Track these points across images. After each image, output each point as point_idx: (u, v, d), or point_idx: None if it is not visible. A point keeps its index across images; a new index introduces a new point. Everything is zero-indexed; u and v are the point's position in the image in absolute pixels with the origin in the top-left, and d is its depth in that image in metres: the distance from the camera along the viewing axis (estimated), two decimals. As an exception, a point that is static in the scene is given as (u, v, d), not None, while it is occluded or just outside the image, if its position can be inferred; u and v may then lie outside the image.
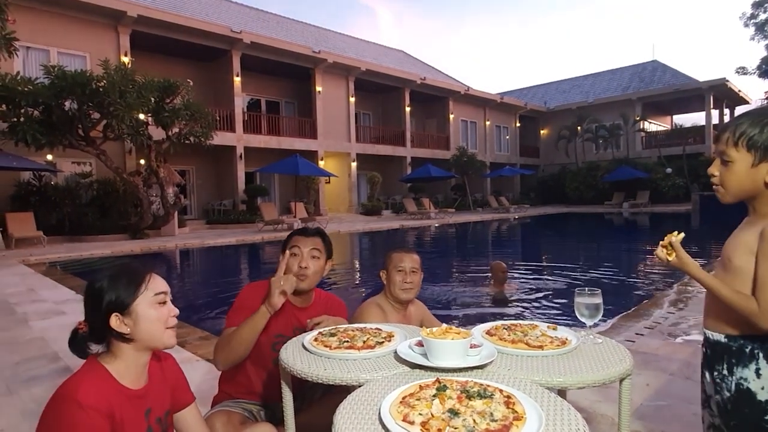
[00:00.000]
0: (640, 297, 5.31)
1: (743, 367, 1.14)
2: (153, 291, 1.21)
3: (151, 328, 1.19)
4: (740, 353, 1.16)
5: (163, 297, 1.22)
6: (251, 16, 24.06)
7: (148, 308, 1.19)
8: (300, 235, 1.88)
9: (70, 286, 6.01)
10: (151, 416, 1.24)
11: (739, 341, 1.16)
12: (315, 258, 1.84)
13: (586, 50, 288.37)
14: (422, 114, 26.95)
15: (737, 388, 1.15)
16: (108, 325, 1.17)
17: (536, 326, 1.58)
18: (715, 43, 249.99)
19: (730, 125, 1.18)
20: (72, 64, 12.80)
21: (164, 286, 1.24)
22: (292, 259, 1.82)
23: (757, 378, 1.12)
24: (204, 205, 18.43)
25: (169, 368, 1.37)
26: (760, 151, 1.12)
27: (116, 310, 1.17)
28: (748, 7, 27.70)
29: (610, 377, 1.24)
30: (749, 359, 1.14)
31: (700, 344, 3.33)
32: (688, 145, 25.29)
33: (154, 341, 1.21)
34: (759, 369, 1.12)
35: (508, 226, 18.43)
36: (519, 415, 0.96)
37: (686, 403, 2.28)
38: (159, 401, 1.28)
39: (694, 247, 10.85)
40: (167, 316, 1.22)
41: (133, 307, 1.18)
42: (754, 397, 1.13)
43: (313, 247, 1.84)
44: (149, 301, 1.19)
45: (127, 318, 1.18)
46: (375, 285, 2.57)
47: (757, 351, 1.13)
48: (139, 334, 1.19)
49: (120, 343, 1.19)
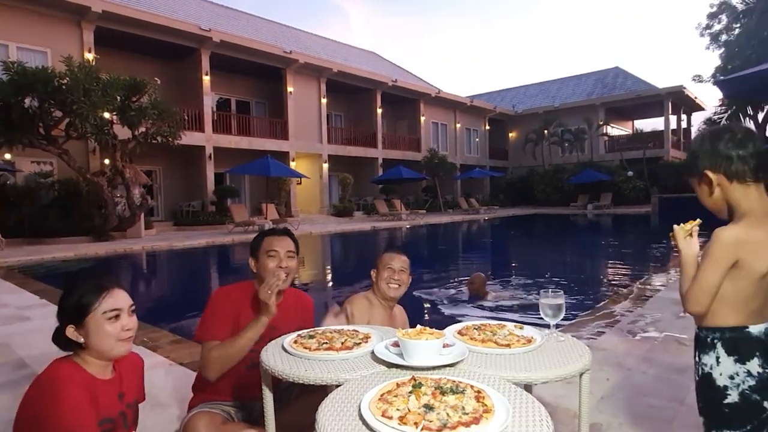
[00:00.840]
0: (602, 296, 5.55)
1: (706, 355, 1.28)
2: (105, 308, 1.31)
3: (101, 341, 1.31)
4: (704, 342, 1.29)
5: (116, 313, 1.33)
6: (221, 14, 23.67)
7: (99, 323, 1.31)
8: (273, 237, 1.93)
9: (33, 290, 5.82)
10: (123, 400, 1.37)
11: (704, 332, 1.30)
12: (291, 258, 1.90)
13: (552, 56, 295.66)
14: (394, 116, 27.12)
15: (702, 374, 1.29)
16: (65, 333, 1.31)
17: (504, 326, 1.69)
18: (674, 52, 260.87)
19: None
20: (33, 60, 12.31)
21: (120, 303, 1.35)
22: (270, 260, 1.86)
23: (717, 365, 1.26)
24: (172, 207, 18.03)
25: (135, 363, 1.52)
26: (691, 173, 1.31)
27: (71, 322, 1.31)
28: (704, 18, 29.13)
29: (570, 372, 1.35)
30: (710, 348, 1.27)
31: (656, 341, 3.54)
32: (648, 149, 26.34)
33: (104, 353, 1.33)
34: (719, 357, 1.26)
35: (478, 227, 18.77)
36: (488, 408, 1.04)
37: (642, 396, 2.44)
38: (129, 389, 1.42)
39: (653, 247, 11.36)
40: (119, 331, 1.33)
41: (85, 321, 1.31)
42: (714, 382, 1.26)
43: (289, 249, 1.91)
44: (99, 317, 1.31)
45: (81, 330, 1.31)
46: (349, 284, 2.64)
47: (716, 341, 1.26)
48: (91, 344, 1.31)
49: (80, 351, 1.34)
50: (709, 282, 1.21)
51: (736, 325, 1.24)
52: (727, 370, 1.24)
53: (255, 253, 1.93)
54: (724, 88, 6.34)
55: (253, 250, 1.93)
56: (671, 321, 3.84)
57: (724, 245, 1.20)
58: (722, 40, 28.33)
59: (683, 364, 2.85)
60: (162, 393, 2.58)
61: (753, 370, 1.22)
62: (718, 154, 1.24)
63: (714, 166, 1.25)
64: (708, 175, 1.25)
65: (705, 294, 1.22)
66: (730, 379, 1.23)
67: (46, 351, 3.45)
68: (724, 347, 1.25)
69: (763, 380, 1.21)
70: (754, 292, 1.22)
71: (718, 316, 1.26)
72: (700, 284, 1.23)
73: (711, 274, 1.21)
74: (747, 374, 1.22)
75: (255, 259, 1.93)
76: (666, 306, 4.34)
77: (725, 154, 1.23)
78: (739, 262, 1.19)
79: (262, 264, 1.88)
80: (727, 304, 1.24)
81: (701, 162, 1.27)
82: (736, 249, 1.19)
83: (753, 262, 1.19)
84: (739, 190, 1.23)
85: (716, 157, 1.25)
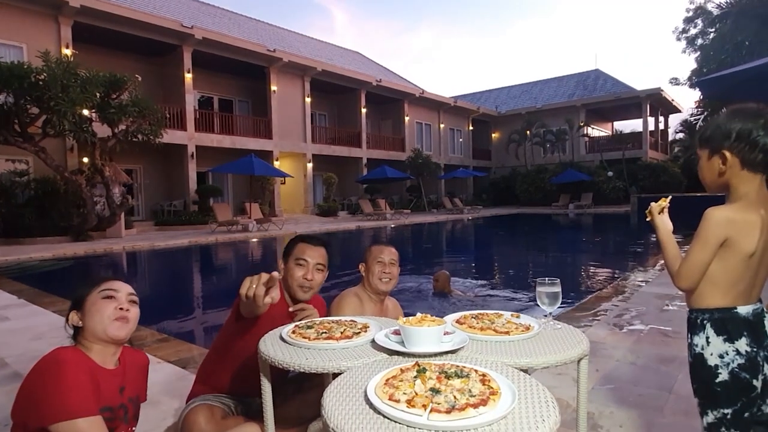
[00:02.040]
0: (586, 292, 5.64)
1: (697, 336, 1.31)
2: (101, 288, 1.38)
3: (94, 319, 1.33)
4: (695, 323, 1.32)
5: (109, 293, 1.37)
6: (203, 11, 23.37)
7: (94, 300, 1.35)
8: (306, 245, 1.85)
9: (11, 290, 5.66)
10: (124, 394, 1.35)
11: (695, 313, 1.33)
12: (319, 271, 1.84)
13: (534, 58, 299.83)
14: (378, 115, 27.13)
15: (694, 354, 1.32)
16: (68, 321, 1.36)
17: (501, 315, 1.70)
18: (652, 55, 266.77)
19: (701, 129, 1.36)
20: (8, 55, 11.97)
21: (116, 286, 1.40)
22: (297, 268, 1.81)
23: (707, 345, 1.28)
24: (153, 206, 17.72)
25: (141, 361, 1.51)
26: (708, 145, 1.29)
27: (74, 307, 1.37)
28: (680, 22, 29.83)
29: (570, 357, 1.37)
30: (700, 329, 1.30)
31: (641, 333, 3.60)
32: (627, 150, 26.86)
33: (98, 333, 1.33)
34: (708, 337, 1.28)
35: (462, 226, 18.89)
36: (494, 390, 1.05)
37: (631, 386, 2.48)
38: (131, 383, 1.41)
39: (632, 244, 11.58)
40: (112, 309, 1.35)
41: (84, 303, 1.36)
42: (706, 362, 1.28)
43: (320, 261, 1.84)
44: (95, 296, 1.36)
45: (80, 313, 1.35)
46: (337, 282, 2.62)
47: (706, 321, 1.29)
48: (87, 325, 1.34)
49: (81, 337, 1.35)
50: (699, 259, 1.25)
51: (724, 306, 1.27)
52: (716, 349, 1.27)
53: (286, 256, 1.87)
54: (703, 89, 6.50)
55: (286, 252, 1.87)
56: (656, 314, 3.93)
57: (715, 223, 1.23)
58: (698, 44, 29.07)
59: (670, 355, 2.91)
60: (151, 390, 2.52)
61: (741, 349, 1.25)
62: (745, 138, 1.22)
63: (736, 149, 1.24)
64: (725, 154, 1.25)
65: (695, 270, 1.26)
66: (720, 359, 1.26)
67: (26, 350, 3.39)
68: (713, 327, 1.28)
69: (751, 359, 1.25)
70: (742, 274, 1.25)
71: (707, 297, 1.29)
72: (691, 261, 1.26)
73: (701, 252, 1.24)
74: (736, 353, 1.25)
75: (285, 262, 1.87)
76: (649, 300, 4.43)
77: (753, 141, 1.22)
78: (728, 240, 1.23)
79: (289, 270, 1.83)
80: (716, 285, 1.27)
81: (724, 140, 1.25)
82: (726, 228, 1.22)
83: (741, 242, 1.22)
84: (746, 176, 1.25)
85: (742, 142, 1.23)
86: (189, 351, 3.36)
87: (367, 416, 0.99)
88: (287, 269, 1.84)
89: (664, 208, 1.47)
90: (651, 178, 24.68)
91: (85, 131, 11.08)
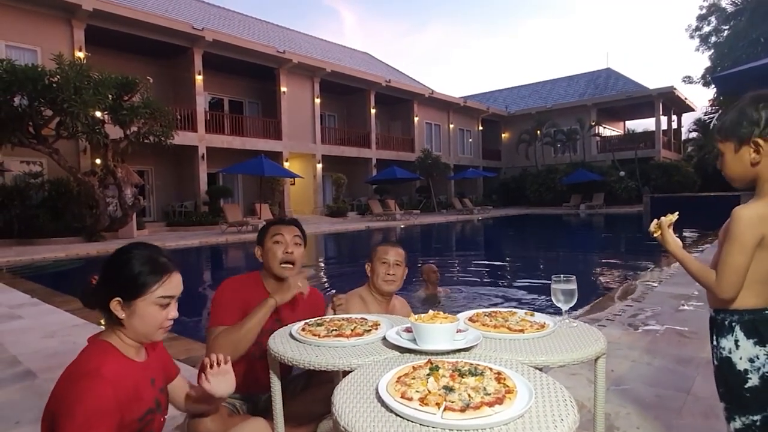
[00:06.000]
0: (600, 292, 5.56)
1: (725, 338, 1.25)
2: (161, 293, 1.20)
3: (144, 325, 1.21)
4: (722, 326, 1.26)
5: (168, 301, 1.22)
6: (214, 13, 23.54)
7: (147, 307, 1.19)
8: (280, 224, 1.90)
9: (24, 289, 5.72)
10: (155, 385, 1.29)
11: (721, 314, 1.27)
12: (298, 245, 1.87)
13: (544, 57, 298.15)
14: (387, 116, 27.11)
15: (721, 358, 1.26)
16: (107, 303, 1.19)
17: (515, 313, 1.66)
18: (664, 53, 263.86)
19: (718, 123, 1.29)
20: (22, 58, 12.13)
21: (174, 290, 1.24)
22: (276, 246, 1.83)
23: (736, 349, 1.23)
24: (164, 207, 17.87)
25: (158, 345, 1.41)
26: (734, 136, 1.23)
27: (119, 296, 1.18)
28: (693, 20, 29.45)
29: (587, 355, 1.33)
30: (728, 331, 1.24)
31: (657, 333, 3.53)
32: (640, 149, 26.55)
33: (142, 336, 1.24)
34: (737, 340, 1.22)
35: (471, 227, 18.79)
36: (510, 388, 1.01)
37: (648, 386, 2.42)
38: (158, 373, 1.34)
39: (643, 247, 11.43)
40: (164, 319, 1.23)
41: (135, 300, 1.19)
42: (735, 366, 1.23)
43: (295, 234, 1.88)
44: (152, 301, 1.20)
45: (126, 308, 1.19)
46: (344, 283, 2.59)
47: (734, 324, 1.23)
48: (131, 324, 1.21)
49: (118, 328, 1.22)
50: (739, 263, 1.18)
51: (755, 308, 1.21)
52: (746, 353, 1.21)
53: (261, 240, 1.89)
54: (718, 84, 6.39)
55: (260, 238, 1.90)
56: (671, 314, 3.85)
57: (749, 223, 1.17)
58: (712, 41, 28.69)
59: (687, 356, 2.84)
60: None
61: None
62: None
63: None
64: (758, 142, 1.19)
65: (737, 277, 1.19)
66: (751, 363, 1.21)
67: (39, 348, 3.41)
68: (743, 330, 1.22)
69: None
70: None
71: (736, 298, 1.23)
72: (731, 268, 1.19)
73: (740, 256, 1.18)
74: (767, 357, 1.20)
75: (261, 246, 1.89)
76: (664, 300, 4.35)
77: None
78: (765, 239, 1.17)
79: (268, 249, 1.85)
80: (746, 286, 1.21)
81: (753, 128, 1.19)
82: (761, 226, 1.17)
83: None
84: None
85: None
86: (199, 350, 3.35)
87: (379, 414, 0.96)
88: (266, 251, 1.86)
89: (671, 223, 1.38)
90: (664, 178, 24.35)
91: (97, 133, 11.21)
